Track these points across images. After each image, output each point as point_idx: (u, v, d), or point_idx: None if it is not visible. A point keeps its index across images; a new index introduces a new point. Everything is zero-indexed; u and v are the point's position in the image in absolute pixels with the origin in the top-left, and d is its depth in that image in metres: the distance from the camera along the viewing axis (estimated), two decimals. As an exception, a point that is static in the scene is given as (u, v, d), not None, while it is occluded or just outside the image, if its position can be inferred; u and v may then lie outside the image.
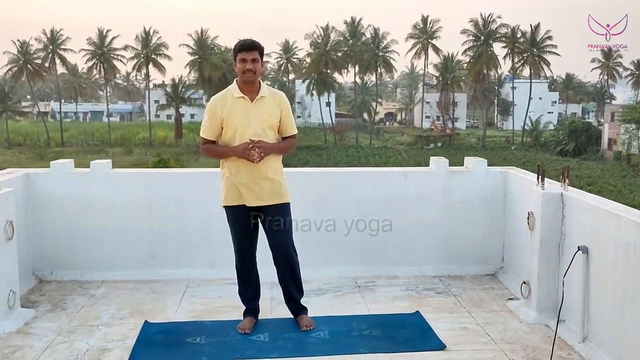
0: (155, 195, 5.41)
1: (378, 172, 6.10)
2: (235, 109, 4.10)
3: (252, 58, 4.05)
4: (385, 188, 5.55)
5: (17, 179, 5.11)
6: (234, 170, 4.15)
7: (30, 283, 5.16)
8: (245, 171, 4.11)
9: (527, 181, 5.01)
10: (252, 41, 4.11)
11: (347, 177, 5.70)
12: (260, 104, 4.13)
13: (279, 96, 4.24)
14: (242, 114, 4.10)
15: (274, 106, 4.17)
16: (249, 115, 4.10)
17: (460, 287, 5.20)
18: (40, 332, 4.23)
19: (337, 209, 5.39)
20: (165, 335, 4.18)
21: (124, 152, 59.78)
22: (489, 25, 69.53)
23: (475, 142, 70.59)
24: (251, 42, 4.10)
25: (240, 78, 4.11)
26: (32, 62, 69.47)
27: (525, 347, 4.00)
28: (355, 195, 5.48)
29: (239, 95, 4.11)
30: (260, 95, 4.13)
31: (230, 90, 4.17)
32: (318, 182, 5.53)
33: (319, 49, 69.17)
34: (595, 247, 3.92)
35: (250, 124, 4.09)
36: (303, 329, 4.24)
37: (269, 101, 4.16)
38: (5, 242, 4.34)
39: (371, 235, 5.39)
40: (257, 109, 4.12)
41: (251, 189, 4.14)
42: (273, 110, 4.16)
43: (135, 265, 5.37)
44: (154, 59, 70.54)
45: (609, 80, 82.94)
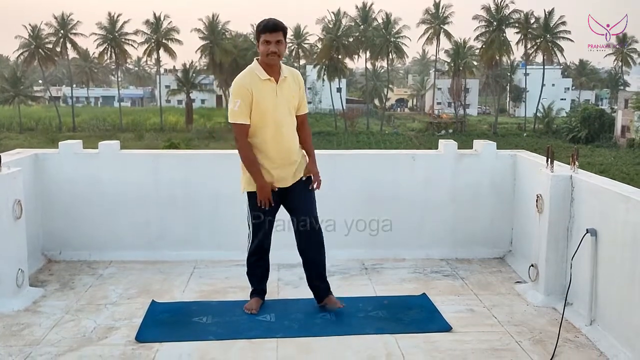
0: (163, 176, 5.42)
1: (386, 154, 6.08)
2: (264, 91, 4.00)
3: (277, 40, 3.95)
4: (394, 170, 5.53)
5: (26, 159, 5.14)
6: (262, 158, 4.06)
7: (39, 263, 5.20)
8: (272, 158, 4.06)
9: (536, 164, 4.96)
10: (275, 22, 4.00)
11: (355, 159, 5.67)
12: (284, 85, 4.07)
13: (296, 75, 4.20)
14: (271, 98, 4.01)
15: (294, 86, 4.14)
16: (276, 97, 4.03)
17: (467, 270, 5.18)
18: (48, 310, 4.26)
19: (345, 192, 5.37)
20: (171, 315, 4.20)
21: (135, 137, 59.97)
22: (501, 11, 68.73)
23: (486, 128, 70.13)
24: (274, 23, 3.99)
25: (264, 60, 4.00)
26: (44, 47, 69.60)
27: (532, 330, 3.99)
28: (363, 178, 5.46)
29: (265, 78, 4.00)
30: (283, 76, 4.06)
31: (255, 71, 4.04)
32: (326, 165, 5.50)
33: (331, 35, 68.81)
34: (604, 230, 3.88)
35: (278, 106, 4.03)
36: (339, 307, 4.20)
37: (290, 81, 4.12)
38: (14, 221, 4.37)
39: (379, 217, 5.37)
40: (282, 91, 4.06)
41: (278, 173, 4.09)
42: (295, 91, 4.14)
43: (143, 246, 5.39)
44: (165, 44, 70.50)
45: (623, 66, 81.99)
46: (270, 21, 4.00)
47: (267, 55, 3.96)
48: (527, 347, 3.75)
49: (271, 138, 4.03)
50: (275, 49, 3.95)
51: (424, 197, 5.49)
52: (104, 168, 5.37)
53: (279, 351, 3.68)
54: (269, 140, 4.03)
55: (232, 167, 5.47)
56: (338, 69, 69.39)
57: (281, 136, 4.05)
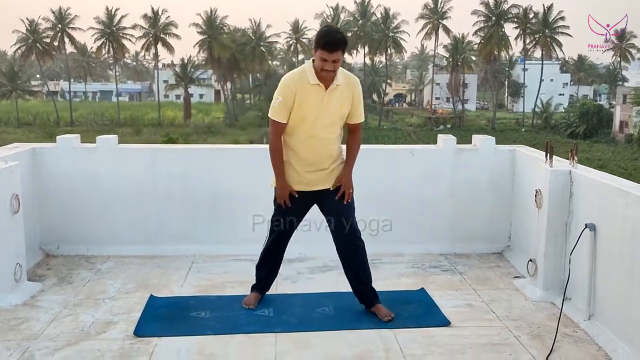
0: (161, 170, 5.40)
1: (385, 149, 6.07)
2: (310, 96, 3.87)
3: (334, 59, 3.76)
4: (392, 165, 5.52)
5: (23, 153, 5.11)
6: (294, 159, 4.00)
7: (37, 257, 5.19)
8: (304, 160, 3.99)
9: (535, 159, 4.96)
10: (336, 40, 3.75)
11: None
12: (334, 93, 3.89)
13: (353, 83, 3.98)
14: (315, 104, 3.88)
15: (346, 95, 3.95)
16: (322, 104, 3.88)
17: (466, 265, 5.18)
18: (46, 305, 4.25)
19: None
20: (170, 309, 4.19)
21: (133, 132, 59.85)
22: (500, 6, 68.67)
23: (485, 123, 70.14)
24: (336, 42, 3.75)
25: (317, 72, 3.84)
26: (41, 41, 69.44)
27: (530, 324, 3.99)
28: (361, 172, 5.43)
29: (314, 82, 3.84)
30: (336, 84, 3.87)
31: (306, 72, 3.88)
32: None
33: (329, 29, 68.59)
34: (603, 225, 3.88)
35: (322, 115, 3.90)
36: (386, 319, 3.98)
37: (343, 90, 3.93)
38: (12, 216, 4.35)
39: (378, 212, 5.36)
40: (331, 99, 3.89)
41: (308, 176, 4.02)
42: (346, 100, 3.95)
43: (141, 241, 5.38)
44: (163, 39, 70.34)
45: (622, 62, 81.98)
46: (332, 38, 3.76)
47: (321, 70, 3.81)
48: (525, 341, 3.75)
49: (306, 142, 3.95)
50: (331, 67, 3.78)
51: (423, 192, 5.48)
52: (102, 162, 5.35)
53: (277, 346, 3.67)
54: (303, 143, 3.96)
55: (231, 161, 5.50)
56: (336, 64, 69.15)
57: (317, 142, 3.96)
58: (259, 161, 5.50)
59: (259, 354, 3.59)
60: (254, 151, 5.98)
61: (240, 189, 5.39)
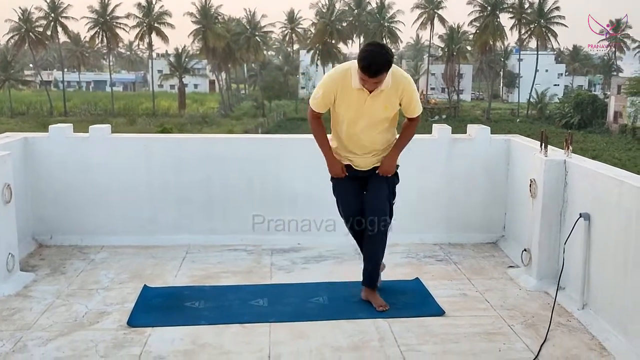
0: (154, 160, 5.37)
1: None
2: (350, 98, 3.82)
3: (374, 82, 3.67)
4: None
5: (15, 143, 5.08)
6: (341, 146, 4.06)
7: (30, 247, 5.16)
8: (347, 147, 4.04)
9: (530, 149, 4.95)
10: (376, 69, 3.59)
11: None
12: (378, 97, 3.80)
13: (402, 84, 3.83)
14: (355, 107, 3.83)
15: (393, 96, 3.83)
16: (363, 108, 3.82)
17: (460, 255, 5.18)
18: (39, 295, 4.23)
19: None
20: (164, 299, 4.18)
21: (127, 122, 59.63)
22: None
23: (480, 114, 70.11)
24: (377, 68, 3.58)
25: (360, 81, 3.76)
26: (34, 31, 68.90)
27: (524, 314, 4.00)
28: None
29: (357, 87, 3.76)
30: (380, 89, 3.76)
31: (350, 75, 3.78)
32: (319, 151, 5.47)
33: (324, 19, 68.49)
34: (597, 214, 3.88)
35: (362, 117, 3.86)
36: (380, 310, 3.99)
37: (389, 92, 3.80)
38: (4, 206, 4.32)
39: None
40: (373, 103, 3.81)
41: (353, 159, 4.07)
42: (391, 101, 3.84)
43: (135, 231, 5.35)
44: (157, 28, 69.92)
45: (617, 52, 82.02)
46: (373, 64, 3.58)
47: (362, 85, 3.74)
48: (519, 330, 3.75)
49: (348, 138, 3.99)
50: (372, 87, 3.73)
51: (418, 182, 5.46)
52: (95, 152, 5.32)
53: (271, 336, 3.67)
54: (347, 138, 4.00)
55: (225, 151, 5.47)
56: (332, 54, 69.07)
57: (358, 139, 3.97)
58: (254, 151, 5.52)
59: (253, 343, 3.58)
60: (249, 141, 5.97)
61: (234, 179, 5.37)
